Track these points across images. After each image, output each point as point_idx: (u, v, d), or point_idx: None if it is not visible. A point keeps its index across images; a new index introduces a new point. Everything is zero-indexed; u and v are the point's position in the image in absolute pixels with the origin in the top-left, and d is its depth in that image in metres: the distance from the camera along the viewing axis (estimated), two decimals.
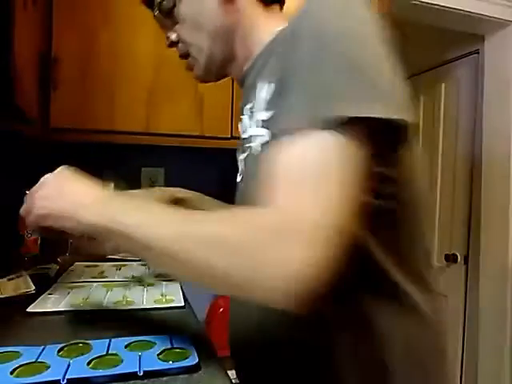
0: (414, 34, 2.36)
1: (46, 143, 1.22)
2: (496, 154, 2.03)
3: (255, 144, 0.55)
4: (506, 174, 1.98)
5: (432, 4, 1.78)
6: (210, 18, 0.61)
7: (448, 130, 2.33)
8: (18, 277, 0.86)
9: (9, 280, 0.83)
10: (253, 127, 0.57)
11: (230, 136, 1.31)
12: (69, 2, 1.15)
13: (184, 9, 0.62)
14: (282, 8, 0.66)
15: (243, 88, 0.67)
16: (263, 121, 0.53)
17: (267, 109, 0.52)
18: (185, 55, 0.67)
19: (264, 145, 0.52)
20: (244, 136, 0.63)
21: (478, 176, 2.13)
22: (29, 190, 0.59)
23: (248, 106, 0.61)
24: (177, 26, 0.65)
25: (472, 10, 1.84)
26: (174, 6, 0.62)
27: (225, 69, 0.67)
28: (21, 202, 0.61)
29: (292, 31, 0.46)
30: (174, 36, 0.66)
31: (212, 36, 0.62)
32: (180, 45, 0.66)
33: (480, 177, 2.11)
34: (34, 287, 0.82)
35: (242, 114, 0.66)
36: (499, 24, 1.95)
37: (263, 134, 0.52)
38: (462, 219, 2.19)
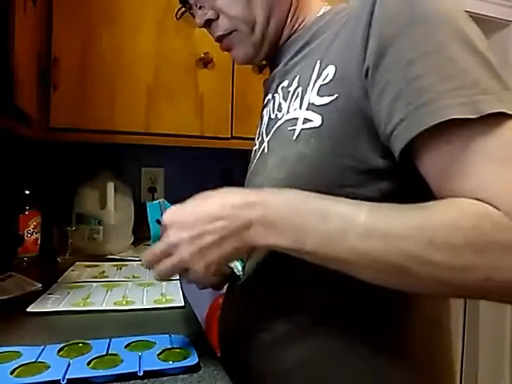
0: None
1: (46, 143, 1.22)
2: None
3: (296, 127, 0.50)
4: None
5: None
6: None
7: None
8: (8, 277, 0.86)
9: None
10: (295, 109, 0.52)
11: (229, 136, 1.31)
12: (69, 2, 1.14)
13: None
14: None
15: (275, 65, 0.62)
16: (316, 105, 0.48)
17: (323, 93, 0.47)
18: (225, 34, 0.59)
19: (307, 130, 0.48)
20: (271, 116, 0.59)
21: None
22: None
23: (283, 84, 0.57)
24: (219, 0, 0.56)
25: (472, 10, 1.84)
26: None
27: (273, 47, 0.60)
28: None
29: (384, 11, 0.41)
30: (210, 12, 0.57)
31: (269, 8, 0.55)
32: (222, 21, 0.57)
33: None
34: (39, 284, 0.82)
35: (269, 93, 0.62)
36: (499, 24, 1.95)
37: (312, 119, 0.48)
38: None
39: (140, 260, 1.14)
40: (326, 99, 0.46)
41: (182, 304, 0.75)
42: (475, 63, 0.38)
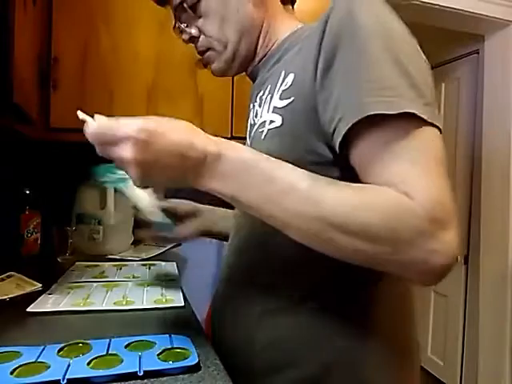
0: (414, 34, 2.36)
1: (46, 143, 1.22)
2: (496, 153, 2.03)
3: (264, 128, 0.57)
4: (505, 173, 1.98)
5: (432, 4, 1.78)
6: (239, 13, 0.62)
7: (448, 130, 2.32)
8: (8, 277, 0.86)
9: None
10: (265, 113, 0.59)
11: (230, 136, 1.31)
12: (69, 2, 1.14)
13: (211, 3, 0.62)
14: (293, 7, 0.70)
15: (257, 78, 0.69)
16: (278, 108, 0.55)
17: (283, 97, 0.54)
18: (205, 50, 0.67)
19: (272, 130, 0.55)
20: (251, 122, 0.66)
21: (477, 176, 2.13)
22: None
23: (260, 94, 0.64)
24: (200, 21, 0.64)
25: (472, 10, 1.84)
26: (199, 0, 0.63)
27: (246, 63, 0.68)
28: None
29: (331, 28, 0.48)
30: (193, 31, 0.65)
31: (240, 31, 0.63)
32: (202, 39, 0.66)
33: (480, 177, 2.11)
34: (39, 284, 0.82)
35: (251, 103, 0.69)
36: (499, 24, 1.95)
37: (275, 120, 0.55)
38: (462, 219, 2.20)
39: (140, 260, 1.14)
40: (285, 102, 0.54)
41: (182, 304, 0.75)
42: (398, 73, 0.44)
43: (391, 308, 0.56)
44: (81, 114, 0.47)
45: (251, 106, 0.69)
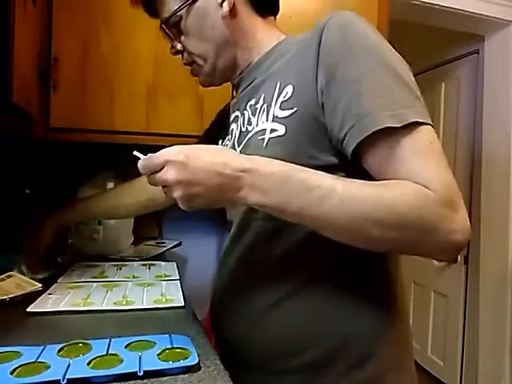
0: (414, 33, 2.36)
1: (46, 143, 1.22)
2: (496, 154, 2.03)
3: (265, 137, 0.60)
4: (505, 174, 1.98)
5: (432, 4, 1.78)
6: (214, 31, 0.67)
7: (448, 130, 2.33)
8: (8, 277, 0.85)
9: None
10: (262, 122, 0.61)
11: None
12: (69, 2, 1.14)
13: (189, 23, 0.67)
14: (275, 18, 0.73)
15: (242, 87, 0.72)
16: (280, 117, 0.58)
17: (284, 107, 0.58)
18: (189, 63, 0.73)
19: (274, 138, 0.58)
20: (242, 129, 0.68)
21: (477, 175, 2.13)
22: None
23: (251, 103, 0.66)
24: (182, 38, 0.70)
25: (472, 10, 1.84)
26: (181, 19, 0.67)
27: (227, 74, 0.73)
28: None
29: (326, 41, 0.53)
30: (179, 46, 0.71)
31: (216, 47, 0.68)
32: (185, 54, 0.72)
33: (480, 176, 2.11)
34: (39, 284, 0.82)
35: (237, 110, 0.71)
36: (499, 24, 1.96)
37: (277, 129, 0.58)
38: None
39: (140, 260, 1.14)
40: (287, 112, 0.57)
41: (182, 304, 0.75)
42: (396, 85, 0.50)
43: (396, 282, 0.62)
44: (136, 153, 0.53)
45: (238, 113, 0.71)
